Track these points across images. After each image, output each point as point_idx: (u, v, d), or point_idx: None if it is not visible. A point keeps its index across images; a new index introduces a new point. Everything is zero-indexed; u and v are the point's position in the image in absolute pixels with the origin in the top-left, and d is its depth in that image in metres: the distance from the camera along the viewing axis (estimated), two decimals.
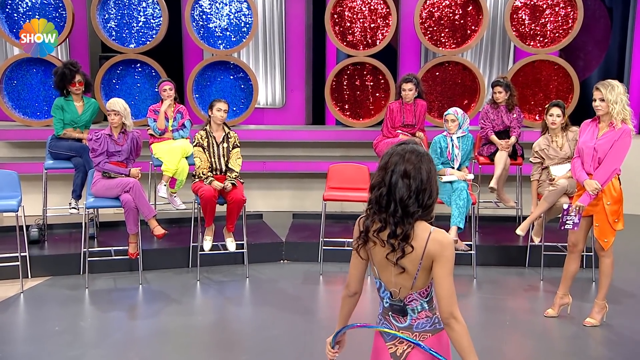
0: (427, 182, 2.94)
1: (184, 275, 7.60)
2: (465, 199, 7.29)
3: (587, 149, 5.88)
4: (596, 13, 11.65)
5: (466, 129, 7.53)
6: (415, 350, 3.06)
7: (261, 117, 10.86)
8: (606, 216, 5.89)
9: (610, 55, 11.71)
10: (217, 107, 7.44)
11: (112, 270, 7.58)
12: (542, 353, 5.81)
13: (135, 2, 9.75)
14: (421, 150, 3.01)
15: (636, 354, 5.78)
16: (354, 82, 10.04)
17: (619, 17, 11.51)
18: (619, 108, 5.68)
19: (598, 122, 5.90)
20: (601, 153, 5.80)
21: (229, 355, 5.82)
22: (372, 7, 9.84)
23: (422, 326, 3.07)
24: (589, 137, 5.89)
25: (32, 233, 7.90)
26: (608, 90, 5.69)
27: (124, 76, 9.94)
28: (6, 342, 6.03)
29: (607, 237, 5.94)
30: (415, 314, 3.06)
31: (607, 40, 11.71)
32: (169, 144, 8.16)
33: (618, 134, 5.74)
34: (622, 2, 11.30)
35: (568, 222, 5.95)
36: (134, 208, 7.12)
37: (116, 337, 6.16)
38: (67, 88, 8.03)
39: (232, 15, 9.88)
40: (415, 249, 2.94)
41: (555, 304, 6.38)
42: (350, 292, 3.25)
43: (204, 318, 6.66)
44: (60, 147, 8.04)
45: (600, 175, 5.82)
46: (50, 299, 6.96)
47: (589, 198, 5.85)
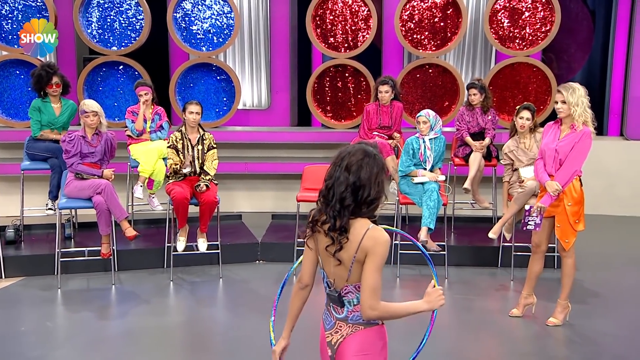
0: (367, 180, 2.93)
1: (158, 276, 7.45)
2: (435, 199, 7.12)
3: (549, 150, 5.79)
4: (579, 16, 11.49)
5: (438, 131, 7.36)
6: (348, 339, 3.09)
7: (246, 119, 10.70)
8: (567, 217, 5.80)
9: (593, 57, 11.54)
10: (189, 110, 7.30)
11: (87, 270, 7.44)
12: (501, 352, 5.71)
13: (118, 5, 9.61)
14: (371, 151, 2.99)
15: (594, 353, 5.66)
16: (336, 84, 9.88)
17: (601, 20, 11.36)
18: (580, 110, 5.61)
19: (560, 124, 5.81)
20: (562, 155, 5.73)
21: (191, 356, 5.70)
22: (353, 9, 9.67)
23: (356, 319, 3.07)
24: (551, 139, 5.81)
25: (8, 234, 7.77)
26: (569, 93, 5.61)
27: (107, 78, 9.79)
28: None
29: (568, 237, 5.86)
30: (351, 307, 3.07)
31: (589, 43, 11.54)
32: (146, 145, 8.01)
33: (579, 136, 5.66)
34: (605, 6, 11.15)
35: (530, 223, 5.88)
36: (106, 210, 6.97)
37: (81, 337, 6.02)
38: (45, 90, 7.88)
39: (214, 17, 9.72)
40: (350, 242, 2.95)
41: (519, 304, 6.28)
42: (302, 284, 3.26)
43: (173, 318, 6.53)
44: (37, 148, 7.90)
45: (561, 177, 5.74)
46: (22, 299, 6.83)
47: (550, 199, 5.78)
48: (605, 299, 6.92)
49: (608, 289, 7.22)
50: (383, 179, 3.02)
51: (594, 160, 9.84)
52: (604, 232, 9.32)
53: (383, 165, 3.01)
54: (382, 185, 2.99)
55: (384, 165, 3.02)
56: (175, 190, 7.08)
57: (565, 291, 6.03)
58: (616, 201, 9.95)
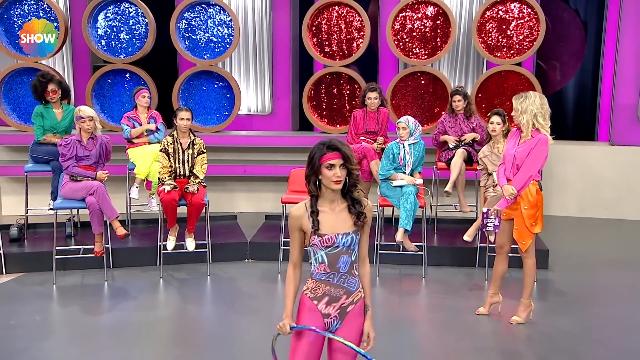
0: (307, 161, 3.44)
1: (150, 273, 7.46)
2: (412, 202, 7.06)
3: (509, 156, 5.76)
4: (572, 26, 11.33)
5: (418, 136, 7.31)
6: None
7: (250, 123, 10.71)
8: (523, 220, 5.74)
9: (584, 66, 11.37)
10: (180, 117, 7.31)
11: (84, 267, 7.47)
12: (459, 347, 5.66)
13: (125, 15, 9.66)
14: (324, 141, 3.43)
15: (547, 349, 5.62)
16: (332, 91, 9.83)
17: (593, 30, 11.21)
18: (527, 118, 5.56)
19: (521, 131, 5.76)
20: (519, 160, 5.68)
21: (172, 349, 5.72)
22: (347, 19, 9.64)
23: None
24: (511, 145, 5.78)
25: (12, 232, 7.85)
26: (519, 101, 5.61)
27: (114, 84, 9.86)
28: None
29: (525, 239, 5.79)
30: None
31: (582, 52, 11.38)
32: (142, 149, 8.06)
33: (534, 142, 5.61)
34: (597, 17, 11.01)
35: (489, 225, 5.88)
36: (98, 210, 7.00)
37: (65, 331, 6.08)
38: (43, 97, 7.94)
39: (215, 27, 9.74)
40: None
41: (486, 303, 6.24)
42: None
43: (157, 313, 6.57)
44: (40, 151, 7.98)
45: (517, 182, 5.69)
46: (17, 295, 6.89)
47: (506, 202, 5.75)
48: (574, 298, 6.83)
49: (578, 288, 7.12)
50: (310, 164, 3.41)
51: (582, 164, 9.77)
52: (587, 234, 9.19)
53: (312, 154, 3.42)
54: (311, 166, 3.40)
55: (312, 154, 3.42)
56: (164, 193, 7.10)
57: (527, 290, 5.98)
58: (601, 204, 9.79)
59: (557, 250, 8.11)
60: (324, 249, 3.43)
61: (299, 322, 3.49)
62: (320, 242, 3.42)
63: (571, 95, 11.66)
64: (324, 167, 3.37)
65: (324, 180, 3.40)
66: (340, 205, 3.48)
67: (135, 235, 8.17)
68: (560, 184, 9.81)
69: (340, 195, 3.48)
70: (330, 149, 3.40)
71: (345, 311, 3.50)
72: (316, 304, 3.48)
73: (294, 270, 3.53)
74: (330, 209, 3.47)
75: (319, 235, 3.42)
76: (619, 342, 5.80)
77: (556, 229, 9.23)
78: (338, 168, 3.37)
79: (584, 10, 11.38)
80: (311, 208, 3.46)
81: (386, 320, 6.17)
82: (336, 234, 3.42)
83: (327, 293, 3.48)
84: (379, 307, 6.44)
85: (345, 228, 3.45)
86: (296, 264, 3.53)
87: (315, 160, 3.39)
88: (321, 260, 3.45)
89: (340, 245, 3.43)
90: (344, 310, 3.49)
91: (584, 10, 11.38)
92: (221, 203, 9.59)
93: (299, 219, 3.47)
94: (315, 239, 3.43)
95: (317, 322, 3.47)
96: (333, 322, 3.51)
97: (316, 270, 3.48)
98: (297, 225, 3.47)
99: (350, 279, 3.50)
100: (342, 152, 3.39)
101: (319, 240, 3.42)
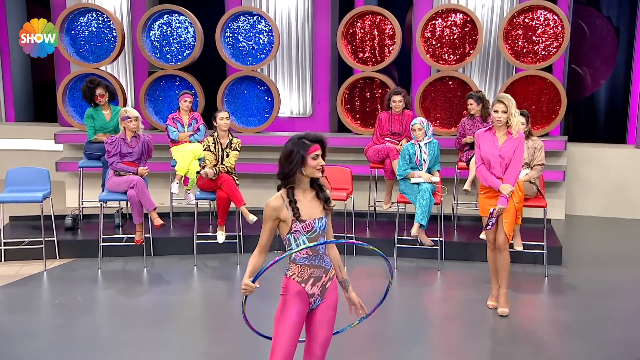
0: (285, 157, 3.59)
1: (186, 261, 7.72)
2: (427, 199, 7.11)
3: (493, 156, 5.77)
4: (604, 32, 11.14)
5: (431, 135, 7.37)
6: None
7: (292, 125, 10.89)
8: (514, 213, 5.81)
9: (617, 71, 11.14)
10: (219, 117, 7.60)
11: (128, 254, 7.77)
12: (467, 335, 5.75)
13: (176, 24, 9.98)
14: (300, 134, 3.63)
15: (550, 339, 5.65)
16: (365, 95, 9.93)
17: (625, 36, 10.98)
18: (517, 119, 5.67)
19: (494, 132, 5.78)
20: (507, 159, 5.73)
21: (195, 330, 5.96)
22: (380, 27, 9.72)
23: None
24: (491, 146, 5.78)
25: (67, 221, 8.23)
26: (510, 105, 5.63)
27: (166, 89, 10.19)
28: (10, 310, 6.32)
29: (513, 231, 5.92)
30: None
31: (614, 58, 11.15)
32: (184, 147, 8.32)
33: (518, 140, 5.69)
34: (629, 23, 10.79)
35: (489, 224, 5.84)
36: (138, 202, 7.30)
37: (101, 311, 6.38)
38: (94, 100, 8.30)
39: (257, 36, 9.97)
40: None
41: (492, 295, 6.25)
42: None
43: (187, 297, 6.82)
44: (92, 148, 8.35)
45: (510, 178, 5.73)
46: (65, 277, 7.24)
47: (506, 200, 5.74)
48: (581, 292, 6.78)
49: (587, 283, 7.03)
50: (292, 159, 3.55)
51: (607, 166, 9.59)
52: (608, 233, 9.03)
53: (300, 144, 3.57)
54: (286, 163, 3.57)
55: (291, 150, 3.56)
56: (218, 192, 7.49)
57: (507, 281, 6.01)
58: (627, 205, 9.58)
59: (574, 248, 8.03)
60: (306, 234, 3.62)
61: (289, 306, 3.68)
62: (303, 228, 3.61)
63: (603, 100, 11.44)
64: (310, 158, 3.58)
65: (307, 170, 3.61)
66: (311, 193, 3.70)
67: (175, 226, 8.45)
68: (585, 185, 9.65)
69: (309, 185, 3.67)
70: (313, 142, 3.61)
71: (325, 287, 3.73)
72: (304, 286, 3.67)
73: (260, 253, 3.70)
74: (303, 197, 3.66)
75: (300, 221, 3.59)
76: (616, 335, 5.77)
77: (578, 228, 9.11)
78: (320, 157, 3.62)
79: (616, 17, 11.17)
80: (289, 198, 3.63)
81: (402, 308, 6.32)
82: (314, 219, 3.63)
83: (312, 275, 3.68)
84: (396, 297, 6.60)
85: (318, 213, 3.67)
86: (263, 248, 3.71)
87: (302, 153, 3.57)
88: (303, 244, 3.61)
89: (317, 229, 3.65)
90: (324, 287, 3.73)
91: (616, 17, 11.17)
92: (260, 199, 9.75)
93: (277, 210, 3.63)
94: (298, 225, 3.61)
95: (304, 303, 3.68)
96: (316, 299, 3.73)
97: (299, 255, 3.66)
98: (274, 215, 3.64)
99: (326, 258, 3.74)
100: (322, 142, 3.65)
101: (302, 226, 3.60)
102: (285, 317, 3.66)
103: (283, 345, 3.63)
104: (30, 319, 6.01)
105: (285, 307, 3.67)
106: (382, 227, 8.49)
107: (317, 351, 3.74)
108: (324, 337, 3.75)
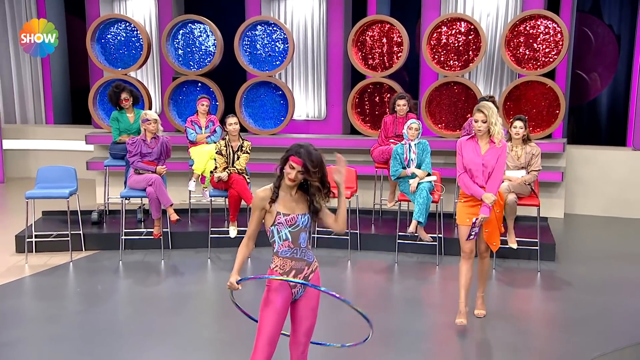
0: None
1: (201, 254, 8.00)
2: (425, 197, 7.31)
3: (476, 165, 5.57)
4: (605, 39, 11.23)
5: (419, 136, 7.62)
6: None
7: (307, 127, 11.15)
8: (495, 222, 5.75)
9: (618, 76, 11.22)
10: (228, 122, 7.87)
11: (147, 247, 8.07)
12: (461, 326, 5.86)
13: (198, 33, 10.31)
14: (302, 144, 3.81)
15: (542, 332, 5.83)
16: (374, 99, 10.15)
17: (626, 43, 11.06)
18: (498, 128, 5.45)
19: (477, 140, 5.60)
20: (490, 167, 5.53)
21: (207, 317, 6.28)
22: (389, 35, 9.94)
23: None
24: (474, 155, 5.58)
25: (93, 216, 8.58)
26: (490, 113, 5.44)
27: (188, 93, 10.51)
28: (37, 297, 6.67)
29: (496, 240, 5.81)
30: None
31: (615, 64, 11.23)
32: (201, 148, 8.61)
33: (501, 149, 5.53)
34: (629, 31, 10.86)
35: (472, 234, 5.63)
36: (156, 198, 7.62)
37: (117, 299, 6.68)
38: (118, 104, 8.64)
39: (274, 43, 10.25)
40: None
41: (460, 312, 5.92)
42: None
43: (200, 287, 7.10)
44: (117, 149, 8.69)
45: (492, 187, 5.56)
46: (89, 268, 7.58)
47: (489, 209, 5.57)
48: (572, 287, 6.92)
49: (578, 279, 7.15)
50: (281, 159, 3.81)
51: (605, 167, 9.68)
52: (604, 231, 9.12)
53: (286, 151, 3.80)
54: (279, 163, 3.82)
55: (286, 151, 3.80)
56: (230, 190, 7.75)
57: (485, 285, 6.04)
58: (624, 204, 9.66)
59: (570, 245, 8.16)
60: (288, 227, 3.82)
61: (273, 293, 3.88)
62: (286, 221, 3.82)
63: (605, 104, 11.52)
64: (287, 166, 3.78)
65: (284, 174, 3.82)
66: (298, 191, 3.90)
67: (192, 222, 8.76)
68: (584, 185, 9.76)
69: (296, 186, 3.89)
70: (298, 155, 3.76)
71: (307, 279, 3.91)
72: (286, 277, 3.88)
73: (248, 241, 3.94)
74: (289, 192, 3.87)
75: (284, 214, 3.82)
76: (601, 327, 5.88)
77: (575, 226, 9.22)
78: (296, 172, 3.76)
79: (617, 25, 11.24)
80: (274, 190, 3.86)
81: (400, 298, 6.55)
82: (297, 214, 3.84)
83: (293, 267, 3.87)
84: (396, 289, 6.83)
85: (301, 209, 3.87)
86: (251, 237, 3.94)
87: (286, 155, 3.81)
88: (285, 237, 3.83)
89: (300, 224, 3.85)
90: (306, 279, 3.90)
91: (617, 25, 11.24)
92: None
93: (263, 200, 3.85)
94: (281, 217, 3.82)
95: (286, 294, 3.88)
96: (298, 291, 3.93)
97: (281, 247, 3.86)
98: (261, 205, 3.86)
99: (308, 252, 3.92)
100: (304, 163, 3.74)
101: (285, 219, 3.82)
102: (270, 303, 3.86)
103: (267, 328, 3.83)
104: (51, 307, 6.34)
105: (270, 294, 3.88)
106: (386, 224, 8.70)
107: (301, 338, 3.96)
108: (307, 325, 3.96)
